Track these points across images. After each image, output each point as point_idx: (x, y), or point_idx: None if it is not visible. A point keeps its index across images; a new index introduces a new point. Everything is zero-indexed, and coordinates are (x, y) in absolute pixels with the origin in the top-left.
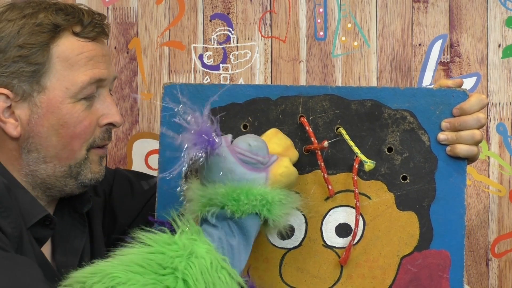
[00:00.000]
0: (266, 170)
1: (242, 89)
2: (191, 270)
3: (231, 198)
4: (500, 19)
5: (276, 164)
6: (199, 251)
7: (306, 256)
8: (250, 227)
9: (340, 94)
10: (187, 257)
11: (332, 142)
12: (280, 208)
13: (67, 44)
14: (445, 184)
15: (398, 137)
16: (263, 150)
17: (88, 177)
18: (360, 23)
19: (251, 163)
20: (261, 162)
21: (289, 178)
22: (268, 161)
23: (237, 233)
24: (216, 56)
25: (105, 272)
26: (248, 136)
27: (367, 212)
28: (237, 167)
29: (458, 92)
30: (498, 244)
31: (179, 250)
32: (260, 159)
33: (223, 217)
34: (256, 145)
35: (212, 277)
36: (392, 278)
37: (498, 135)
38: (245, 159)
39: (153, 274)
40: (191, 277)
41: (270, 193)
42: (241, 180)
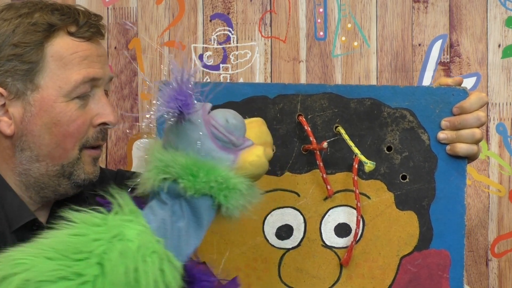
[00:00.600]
0: (236, 153)
1: (240, 88)
2: (110, 254)
3: (189, 172)
4: (500, 19)
5: (248, 150)
6: (128, 233)
7: (305, 256)
8: (202, 210)
9: (339, 93)
10: (109, 240)
11: (331, 141)
12: (238, 198)
13: (61, 44)
14: (445, 184)
15: (397, 136)
16: (239, 131)
17: (81, 177)
18: (360, 23)
19: (223, 141)
20: (233, 143)
21: (257, 169)
22: (241, 144)
23: (188, 213)
24: (216, 56)
25: (11, 258)
26: (229, 112)
27: (367, 212)
28: (206, 140)
29: (458, 90)
30: (498, 244)
31: (104, 232)
32: (234, 139)
33: (175, 193)
34: (234, 123)
35: (136, 262)
36: (392, 278)
37: (498, 135)
38: (218, 135)
39: (65, 259)
40: (108, 261)
41: (232, 179)
42: (206, 156)
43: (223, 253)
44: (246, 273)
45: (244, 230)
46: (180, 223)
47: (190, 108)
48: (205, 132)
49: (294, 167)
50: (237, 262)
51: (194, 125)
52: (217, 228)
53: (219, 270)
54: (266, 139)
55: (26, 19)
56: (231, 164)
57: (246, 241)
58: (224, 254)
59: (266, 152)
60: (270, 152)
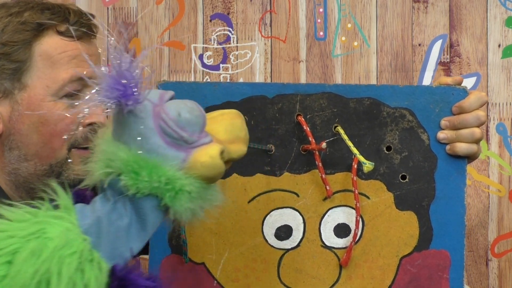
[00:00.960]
0: (188, 151)
1: (238, 87)
2: (22, 253)
3: (130, 169)
4: (500, 19)
5: (202, 149)
6: (51, 230)
7: (304, 257)
8: (147, 210)
9: (338, 92)
10: (24, 237)
11: (330, 141)
12: (186, 201)
13: (50, 43)
14: (445, 184)
15: (397, 136)
16: (193, 126)
17: (70, 178)
18: (360, 23)
19: (172, 137)
20: (185, 139)
21: (210, 171)
22: (195, 141)
23: (131, 213)
24: (216, 56)
25: None
26: (184, 104)
27: (366, 212)
28: (152, 135)
29: (457, 90)
30: (498, 244)
31: (23, 229)
32: (185, 136)
33: (118, 190)
34: (187, 118)
35: (49, 262)
36: (392, 278)
37: (498, 135)
38: (167, 130)
39: None
40: (18, 260)
41: (180, 180)
42: (152, 152)
43: (222, 253)
44: (245, 274)
45: (243, 231)
46: (120, 223)
47: (130, 99)
48: (152, 126)
49: (293, 167)
50: (236, 262)
51: (137, 118)
52: (216, 228)
53: (218, 271)
54: (239, 134)
55: (16, 18)
56: (181, 163)
57: (245, 241)
58: (223, 254)
59: (233, 150)
60: (241, 149)
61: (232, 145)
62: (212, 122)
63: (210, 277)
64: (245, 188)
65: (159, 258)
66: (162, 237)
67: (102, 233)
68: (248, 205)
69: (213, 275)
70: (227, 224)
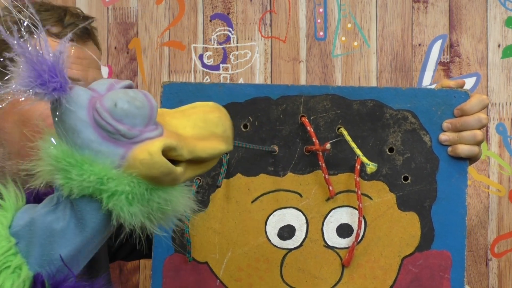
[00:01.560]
0: (128, 147)
1: (243, 89)
2: None
3: (61, 167)
4: (500, 19)
5: (144, 145)
6: None
7: (307, 257)
8: (86, 214)
9: (341, 94)
10: None
11: (334, 142)
12: (125, 204)
13: None
14: (447, 185)
15: (399, 138)
16: (133, 119)
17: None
18: (360, 23)
19: (107, 131)
20: (122, 133)
21: (150, 170)
22: (136, 135)
23: (69, 216)
24: (216, 56)
25: None
26: (125, 94)
27: (369, 212)
28: (85, 129)
29: (459, 92)
30: (497, 244)
31: None
32: (122, 129)
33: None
34: (124, 109)
35: None
36: (393, 278)
37: (498, 135)
38: (100, 122)
39: None
40: None
41: (115, 179)
42: (84, 148)
43: (225, 253)
44: (248, 273)
45: (246, 231)
46: (56, 226)
47: (48, 87)
48: (85, 119)
49: (296, 168)
50: (239, 262)
51: (67, 110)
52: (220, 228)
53: (221, 270)
54: (214, 130)
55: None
56: (119, 161)
57: (248, 241)
58: (226, 254)
59: (198, 147)
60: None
61: (202, 142)
62: (180, 116)
63: (213, 276)
64: (249, 188)
65: (163, 257)
66: (165, 237)
67: (34, 236)
68: (252, 205)
69: (216, 274)
70: (231, 223)
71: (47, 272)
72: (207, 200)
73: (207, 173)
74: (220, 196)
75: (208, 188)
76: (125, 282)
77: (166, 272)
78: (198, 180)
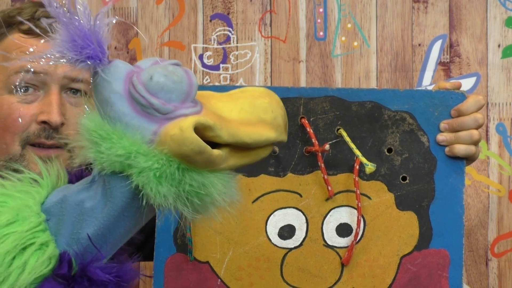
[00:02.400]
0: (162, 122)
1: None
2: None
3: (92, 139)
4: (500, 19)
5: (178, 121)
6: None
7: (307, 256)
8: (115, 192)
9: (340, 96)
10: None
11: (333, 143)
12: (155, 183)
13: (10, 41)
14: (444, 185)
15: (398, 138)
16: (169, 93)
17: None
18: (360, 23)
19: (141, 104)
20: (155, 107)
21: (179, 146)
22: (171, 111)
23: (100, 194)
24: (216, 56)
25: None
26: (163, 68)
27: (368, 212)
28: (119, 102)
29: (456, 94)
30: (497, 244)
31: None
32: (156, 103)
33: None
34: (160, 82)
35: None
36: (392, 277)
37: (497, 135)
38: (135, 95)
39: None
40: None
41: (144, 155)
42: (116, 121)
43: (226, 252)
44: (249, 272)
45: (247, 230)
46: (87, 204)
47: (82, 53)
48: (119, 91)
49: (296, 168)
50: (240, 261)
51: (104, 81)
52: (221, 228)
53: (222, 269)
54: (262, 116)
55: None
56: (151, 136)
57: (249, 240)
58: (227, 253)
59: (241, 132)
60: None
61: (247, 127)
62: (226, 99)
63: (214, 276)
64: (250, 188)
65: (164, 256)
66: (167, 236)
67: (65, 214)
68: (252, 205)
69: (217, 273)
70: (231, 223)
71: (75, 251)
72: None
73: None
74: None
75: None
76: None
77: (167, 271)
78: None
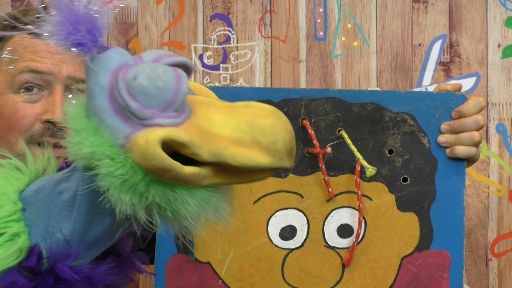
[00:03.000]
0: (137, 128)
1: (245, 92)
2: None
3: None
4: (500, 19)
5: (148, 131)
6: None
7: (308, 257)
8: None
9: (341, 97)
10: None
11: (334, 144)
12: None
13: (16, 41)
14: (445, 186)
15: (398, 140)
16: (150, 99)
17: None
18: (360, 23)
19: (118, 103)
20: (132, 111)
21: (142, 159)
22: (148, 117)
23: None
24: (216, 56)
25: None
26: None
27: (369, 213)
28: (100, 95)
29: (457, 95)
30: (497, 244)
31: None
32: (133, 106)
33: None
34: (142, 85)
35: None
36: (393, 278)
37: (497, 135)
38: (114, 93)
39: None
40: None
41: (111, 158)
42: (94, 115)
43: (228, 253)
44: (250, 273)
45: (248, 231)
46: (64, 196)
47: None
48: (103, 84)
49: (298, 169)
50: (241, 262)
51: (93, 72)
52: (222, 228)
53: (223, 270)
54: (258, 139)
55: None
56: (123, 140)
57: (250, 241)
58: (228, 254)
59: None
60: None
61: (238, 147)
62: (227, 112)
63: (215, 276)
64: (251, 189)
65: (165, 257)
66: (168, 237)
67: (42, 204)
68: (254, 206)
69: (218, 274)
70: (233, 224)
71: (49, 246)
72: None
73: None
74: None
75: None
76: None
77: (169, 272)
78: None
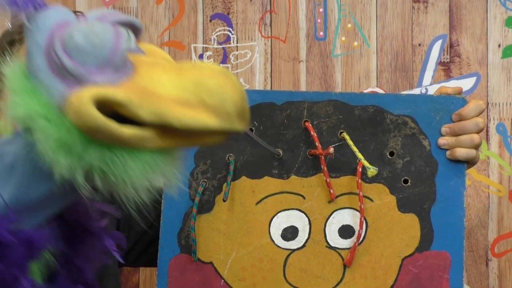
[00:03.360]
0: (72, 86)
1: (248, 94)
2: None
3: (9, 88)
4: (500, 19)
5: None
6: None
7: (309, 257)
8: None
9: (343, 100)
10: None
11: (336, 146)
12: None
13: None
14: (445, 187)
15: (399, 142)
16: (86, 57)
17: None
18: (360, 23)
19: (54, 62)
20: (67, 69)
21: (75, 119)
22: (82, 75)
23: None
24: (216, 56)
25: None
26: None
27: (370, 214)
28: (37, 54)
29: (457, 99)
30: (498, 244)
31: None
32: (68, 64)
33: None
34: (77, 42)
35: None
36: (394, 278)
37: (498, 135)
38: (50, 51)
39: None
40: None
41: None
42: (32, 74)
43: (230, 253)
44: (252, 273)
45: (250, 232)
46: (7, 159)
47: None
48: (41, 43)
49: (300, 171)
50: (243, 262)
51: (27, 29)
52: (224, 229)
53: (225, 270)
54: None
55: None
56: (60, 99)
57: (252, 242)
58: (230, 254)
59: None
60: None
61: (183, 108)
62: (173, 71)
63: (217, 276)
64: (253, 190)
65: (168, 257)
66: (171, 237)
67: None
68: (256, 206)
69: (221, 274)
70: (235, 225)
71: None
72: (213, 201)
73: (213, 175)
74: None
75: (214, 190)
76: (125, 282)
77: (171, 272)
78: (204, 182)
